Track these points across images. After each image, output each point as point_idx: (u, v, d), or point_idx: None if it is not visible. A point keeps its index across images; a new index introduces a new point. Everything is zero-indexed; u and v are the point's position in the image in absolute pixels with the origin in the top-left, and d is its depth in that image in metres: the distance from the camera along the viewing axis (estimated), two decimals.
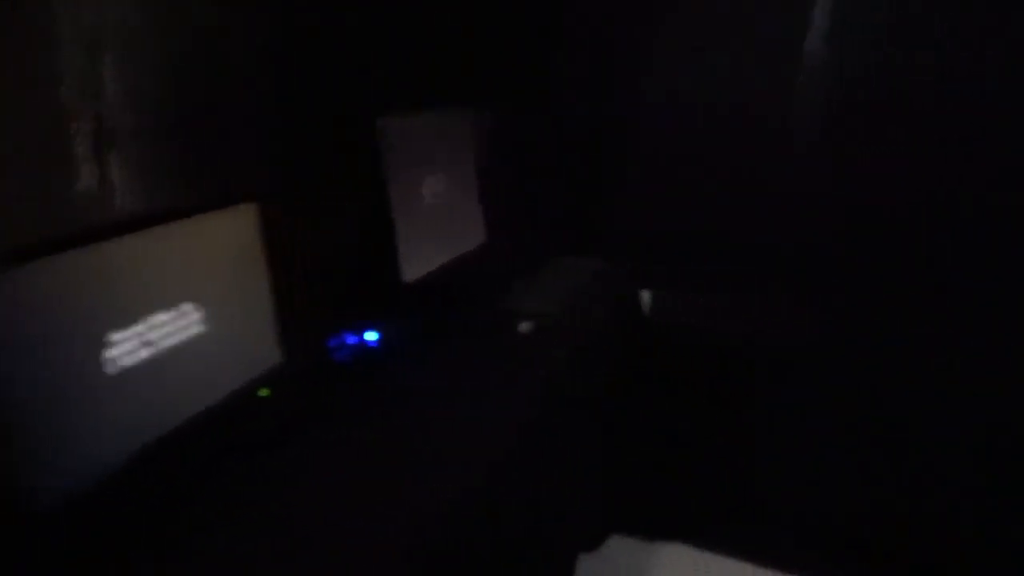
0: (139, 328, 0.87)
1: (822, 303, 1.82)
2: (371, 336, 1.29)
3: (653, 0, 1.85)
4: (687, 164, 1.88)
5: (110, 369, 0.83)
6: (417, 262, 1.41)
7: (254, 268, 1.05)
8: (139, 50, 1.02)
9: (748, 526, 1.90)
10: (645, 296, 1.89)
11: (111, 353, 0.84)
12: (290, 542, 0.85)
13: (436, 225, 1.49)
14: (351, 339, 1.27)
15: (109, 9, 0.98)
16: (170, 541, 0.84)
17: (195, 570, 0.81)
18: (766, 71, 1.76)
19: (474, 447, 1.16)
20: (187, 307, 0.94)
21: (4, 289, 0.73)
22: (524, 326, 1.45)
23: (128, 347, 0.86)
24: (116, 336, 0.84)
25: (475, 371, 1.31)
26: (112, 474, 0.83)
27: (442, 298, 1.44)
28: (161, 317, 0.90)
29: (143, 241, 0.89)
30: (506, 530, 1.26)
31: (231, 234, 1.02)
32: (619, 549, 1.85)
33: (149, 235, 0.90)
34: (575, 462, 1.57)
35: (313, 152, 1.35)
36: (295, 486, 0.95)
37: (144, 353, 0.88)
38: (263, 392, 1.06)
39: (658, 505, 1.93)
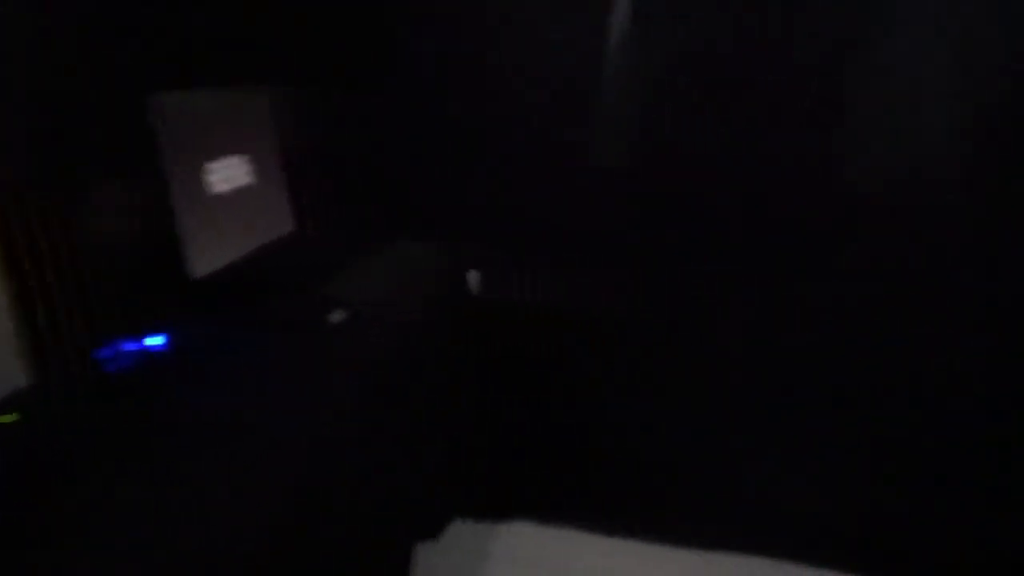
0: None
1: (652, 278, 1.86)
2: (155, 341, 1.16)
3: None
4: (512, 145, 1.85)
5: None
6: (209, 255, 1.29)
7: None
8: None
9: (592, 498, 1.93)
10: (473, 277, 1.86)
11: None
12: None
13: (232, 214, 1.37)
14: (129, 347, 1.13)
15: None
16: None
17: None
18: (578, 51, 1.76)
19: (285, 452, 1.08)
20: None
21: None
22: (336, 316, 1.36)
23: None
24: None
25: (282, 369, 1.22)
26: None
27: (242, 293, 1.33)
28: None
29: None
30: (329, 535, 1.19)
31: None
32: (461, 534, 1.82)
33: None
34: (405, 452, 1.51)
35: (75, 134, 1.18)
36: (58, 524, 0.82)
37: None
38: (7, 418, 0.91)
39: (500, 486, 1.91)
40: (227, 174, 1.37)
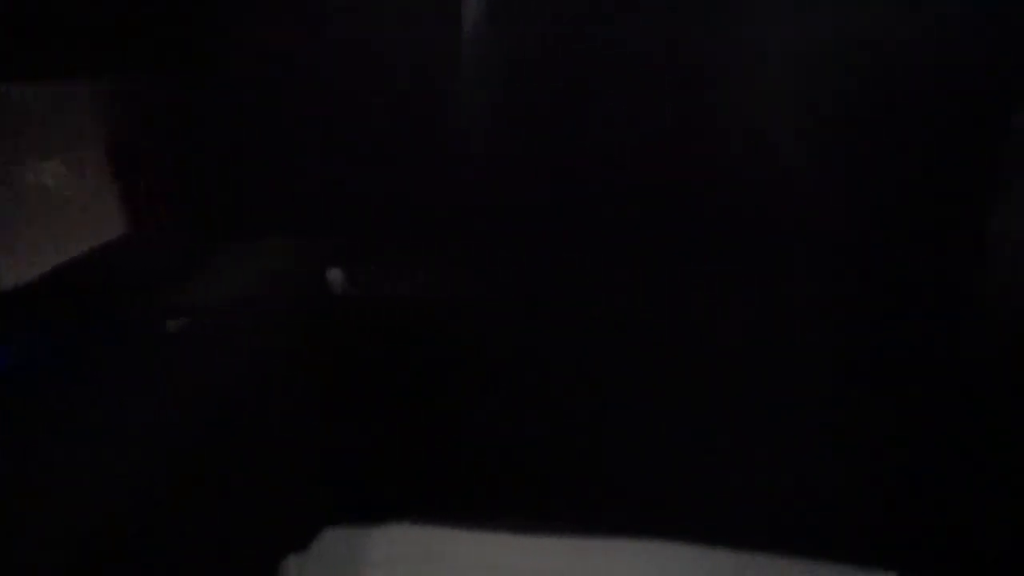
0: None
1: (520, 266, 1.85)
2: None
3: None
4: (365, 131, 1.80)
5: None
6: (23, 265, 1.18)
7: None
8: None
9: (472, 495, 1.91)
10: (336, 275, 1.80)
11: None
12: None
13: (50, 219, 1.26)
14: None
15: None
16: None
17: None
18: (430, 35, 1.73)
19: (120, 473, 1.01)
20: None
21: None
22: (174, 324, 1.28)
23: None
24: None
25: (112, 384, 1.14)
26: None
27: (63, 305, 1.23)
28: None
29: None
30: (182, 555, 1.12)
31: None
32: (333, 542, 1.76)
33: None
34: (263, 462, 1.45)
35: None
36: None
37: None
38: None
39: (374, 490, 1.87)
40: (44, 176, 1.27)
